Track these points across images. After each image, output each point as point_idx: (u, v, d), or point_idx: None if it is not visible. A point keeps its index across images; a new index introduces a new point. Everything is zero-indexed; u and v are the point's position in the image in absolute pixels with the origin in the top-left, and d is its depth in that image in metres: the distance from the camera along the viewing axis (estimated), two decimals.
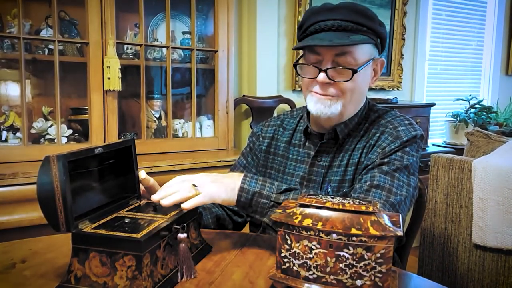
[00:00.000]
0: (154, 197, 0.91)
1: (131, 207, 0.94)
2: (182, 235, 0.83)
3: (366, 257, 0.70)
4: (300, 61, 1.12)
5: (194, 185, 0.92)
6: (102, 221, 0.83)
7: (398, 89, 3.37)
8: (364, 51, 1.06)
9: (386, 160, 1.04)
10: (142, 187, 1.04)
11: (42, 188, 0.76)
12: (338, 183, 1.10)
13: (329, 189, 1.10)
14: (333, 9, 1.04)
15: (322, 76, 1.04)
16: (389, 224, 0.72)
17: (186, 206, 0.89)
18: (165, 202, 0.89)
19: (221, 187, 0.95)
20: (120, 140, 1.60)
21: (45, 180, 0.75)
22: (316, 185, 1.12)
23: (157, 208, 0.93)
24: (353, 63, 1.04)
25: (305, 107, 1.19)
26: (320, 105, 1.06)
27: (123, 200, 0.96)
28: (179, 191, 0.91)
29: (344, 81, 1.03)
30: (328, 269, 0.72)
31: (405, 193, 1.02)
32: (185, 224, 0.84)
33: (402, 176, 1.04)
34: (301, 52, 1.13)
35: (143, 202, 0.99)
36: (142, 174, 1.01)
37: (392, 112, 1.16)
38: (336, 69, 1.04)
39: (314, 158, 1.14)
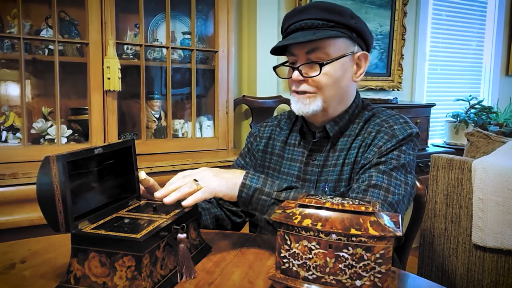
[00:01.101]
0: (157, 195, 0.91)
1: (130, 207, 0.94)
2: (181, 235, 0.83)
3: (365, 257, 0.70)
4: (284, 64, 1.16)
5: (195, 180, 0.92)
6: (102, 221, 0.83)
7: (398, 90, 3.37)
8: (337, 46, 1.07)
9: (383, 159, 1.05)
10: (142, 187, 1.04)
11: (41, 189, 0.76)
12: (335, 183, 1.10)
13: (326, 189, 1.10)
14: (302, 10, 1.08)
15: (295, 74, 1.08)
16: (388, 224, 0.72)
17: (186, 203, 0.88)
18: (168, 200, 0.89)
19: (222, 181, 0.95)
20: (120, 140, 1.60)
21: (45, 181, 0.75)
22: (311, 184, 1.13)
23: (156, 208, 0.93)
24: (326, 58, 1.06)
25: None
26: (300, 104, 1.09)
27: (123, 200, 0.96)
28: (181, 187, 0.91)
29: (315, 76, 1.05)
30: (327, 270, 0.72)
31: (403, 192, 1.03)
32: (184, 225, 0.84)
33: (400, 175, 1.04)
34: None
35: (142, 202, 0.99)
36: (142, 174, 1.01)
37: (387, 111, 1.16)
38: (306, 65, 1.07)
39: (308, 157, 1.14)
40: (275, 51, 1.13)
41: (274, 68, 1.17)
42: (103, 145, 0.88)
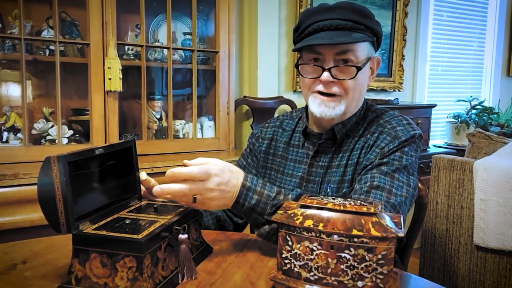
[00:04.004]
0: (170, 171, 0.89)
1: (132, 208, 0.94)
2: (183, 236, 0.83)
3: (367, 258, 0.70)
4: (303, 62, 1.11)
5: (195, 197, 0.89)
6: (103, 222, 0.83)
7: (399, 90, 3.36)
8: (363, 49, 1.07)
9: (385, 160, 1.04)
10: (143, 188, 1.04)
11: (42, 189, 0.76)
12: (337, 184, 1.10)
13: (328, 190, 1.10)
14: (331, 9, 1.06)
15: (326, 75, 1.04)
16: (390, 225, 0.71)
17: (156, 189, 0.88)
18: (156, 190, 0.87)
19: (218, 202, 0.92)
20: (121, 141, 1.60)
21: (46, 181, 0.75)
22: (315, 185, 1.12)
23: (158, 208, 0.92)
24: (355, 61, 1.05)
25: (304, 108, 1.20)
26: (324, 107, 1.06)
27: (124, 201, 0.96)
28: (176, 191, 0.87)
29: (349, 79, 1.04)
30: (329, 270, 0.72)
31: (405, 194, 1.02)
32: (186, 225, 0.84)
33: (402, 176, 1.04)
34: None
35: (144, 203, 0.99)
36: (143, 175, 1.01)
37: (391, 112, 1.16)
38: (339, 67, 1.05)
39: (312, 159, 1.14)
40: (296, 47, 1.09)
41: (297, 65, 1.11)
42: (104, 146, 0.88)
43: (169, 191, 0.87)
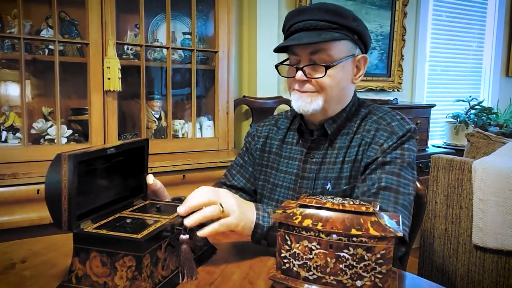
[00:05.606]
0: (180, 211, 0.86)
1: (135, 207, 0.94)
2: (184, 236, 0.83)
3: (366, 257, 0.70)
4: (284, 63, 1.16)
5: (221, 205, 0.88)
6: (104, 221, 0.83)
7: (398, 90, 3.37)
8: (339, 48, 1.08)
9: (388, 159, 1.06)
10: (149, 190, 1.04)
11: (50, 185, 0.76)
12: (335, 180, 1.11)
13: (328, 186, 1.10)
14: (305, 10, 1.09)
15: (299, 74, 1.08)
16: (389, 224, 0.72)
17: (202, 233, 0.86)
18: (189, 223, 0.84)
19: (242, 216, 0.92)
20: (133, 139, 1.60)
21: (54, 179, 0.75)
22: (309, 182, 1.14)
23: (160, 208, 0.93)
24: (328, 60, 1.07)
25: None
26: (301, 102, 1.10)
27: (129, 199, 0.96)
28: (204, 209, 0.87)
29: (320, 77, 1.06)
30: (328, 270, 0.72)
31: (412, 192, 1.06)
32: (187, 225, 0.84)
33: (407, 173, 1.06)
34: None
35: (147, 202, 0.99)
36: (149, 179, 1.00)
37: (383, 108, 1.18)
38: (310, 66, 1.08)
39: (306, 155, 1.16)
40: (278, 49, 1.13)
41: (276, 66, 1.17)
42: (116, 145, 0.87)
43: (200, 218, 0.86)
